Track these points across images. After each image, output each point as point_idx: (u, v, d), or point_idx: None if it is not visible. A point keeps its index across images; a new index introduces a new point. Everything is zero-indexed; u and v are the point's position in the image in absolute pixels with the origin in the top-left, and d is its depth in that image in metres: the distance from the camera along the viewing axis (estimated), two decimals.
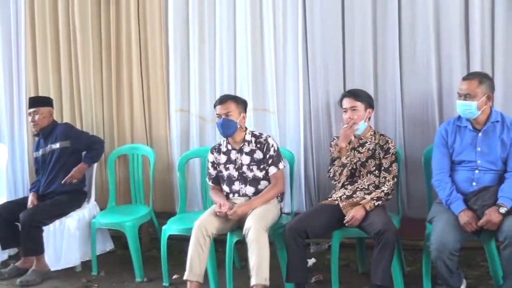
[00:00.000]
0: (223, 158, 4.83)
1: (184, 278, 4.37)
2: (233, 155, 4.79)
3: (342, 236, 4.44)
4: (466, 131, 4.23)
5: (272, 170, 4.70)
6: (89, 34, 5.86)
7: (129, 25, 5.77)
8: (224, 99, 4.73)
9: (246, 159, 4.75)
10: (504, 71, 4.77)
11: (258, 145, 4.74)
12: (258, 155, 4.73)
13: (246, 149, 4.76)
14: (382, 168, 4.54)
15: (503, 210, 3.82)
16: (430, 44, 4.95)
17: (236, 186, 4.77)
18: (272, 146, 4.72)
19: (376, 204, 4.35)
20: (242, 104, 4.78)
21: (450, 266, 3.86)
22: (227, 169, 4.81)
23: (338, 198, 4.54)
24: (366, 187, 4.54)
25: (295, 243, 4.25)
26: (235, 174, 4.77)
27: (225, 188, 4.84)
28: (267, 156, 4.70)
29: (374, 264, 4.12)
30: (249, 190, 4.73)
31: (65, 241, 5.25)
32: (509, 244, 3.68)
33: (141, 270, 5.14)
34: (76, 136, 5.49)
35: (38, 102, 5.52)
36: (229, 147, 4.81)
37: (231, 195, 4.80)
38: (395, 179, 4.54)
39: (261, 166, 4.73)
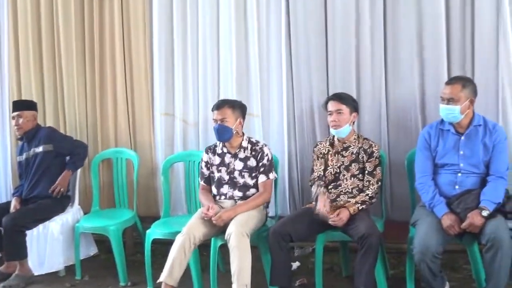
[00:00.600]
0: (216, 160, 4.83)
1: (161, 279, 4.33)
2: (227, 158, 4.79)
3: (326, 240, 4.45)
4: (449, 135, 4.26)
5: (262, 178, 4.70)
6: (72, 37, 5.85)
7: (113, 28, 5.76)
8: (220, 105, 4.72)
9: (239, 165, 4.75)
10: (485, 76, 4.81)
11: (253, 153, 4.75)
12: (252, 162, 4.74)
13: (241, 155, 4.76)
14: (366, 171, 4.56)
15: (485, 213, 3.84)
16: (413, 49, 5.00)
17: (225, 189, 4.77)
18: (267, 155, 4.73)
19: (360, 207, 4.37)
20: (239, 109, 4.76)
21: (433, 269, 3.88)
22: (219, 171, 4.81)
23: None
24: (350, 190, 4.56)
25: (279, 247, 4.26)
26: (226, 177, 4.77)
27: (213, 189, 4.84)
28: (260, 164, 4.71)
29: (357, 268, 4.14)
30: (237, 193, 4.73)
31: (49, 246, 5.23)
32: (491, 246, 3.71)
33: (125, 274, 5.12)
34: (59, 140, 5.46)
35: (22, 105, 5.49)
36: (225, 150, 4.81)
37: (217, 197, 4.80)
38: (379, 183, 4.56)
39: (253, 174, 4.73)
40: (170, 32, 5.66)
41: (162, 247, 5.22)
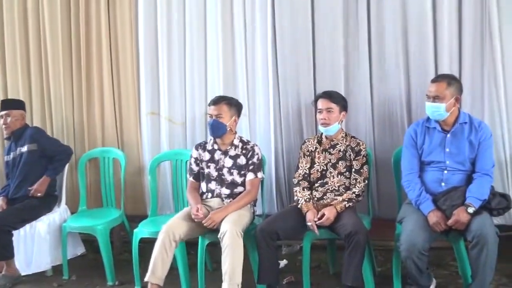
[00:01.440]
0: (206, 156, 4.84)
1: (146, 279, 4.36)
2: (217, 155, 4.80)
3: (313, 238, 4.45)
4: (435, 132, 4.29)
5: (250, 175, 4.72)
6: (59, 37, 5.81)
7: (99, 28, 5.73)
8: (217, 101, 4.73)
9: (228, 162, 4.76)
10: (471, 74, 4.82)
11: (244, 151, 4.77)
12: (242, 160, 4.75)
13: (232, 152, 4.78)
14: (353, 170, 4.58)
15: (471, 210, 3.88)
16: (399, 47, 5.00)
17: (213, 185, 4.78)
18: (257, 154, 4.75)
19: (347, 205, 4.39)
20: (235, 107, 4.79)
21: (419, 265, 3.91)
22: (208, 167, 4.81)
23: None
24: (337, 188, 4.57)
25: (266, 245, 4.27)
26: (214, 174, 4.78)
27: (203, 185, 4.85)
28: (249, 162, 4.73)
29: (345, 266, 4.16)
30: (224, 191, 4.73)
31: (36, 246, 5.22)
32: (477, 243, 3.74)
33: (113, 273, 5.12)
34: (44, 141, 5.45)
35: (10, 104, 5.48)
36: (215, 146, 4.83)
37: (204, 196, 4.80)
38: (366, 181, 4.58)
39: (242, 172, 4.75)
40: (156, 32, 5.63)
41: (150, 246, 5.14)
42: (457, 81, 4.25)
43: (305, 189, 4.62)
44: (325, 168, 4.63)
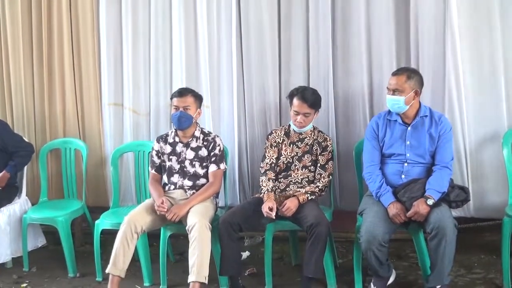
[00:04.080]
0: (168, 149, 4.82)
1: (107, 271, 4.36)
2: (179, 148, 4.79)
3: (275, 229, 4.49)
4: (396, 125, 4.33)
5: (212, 167, 4.72)
6: (19, 26, 5.72)
7: (61, 16, 5.64)
8: (184, 92, 4.72)
9: (190, 154, 4.75)
10: (432, 67, 4.87)
11: (205, 143, 4.76)
12: (203, 152, 4.75)
13: (193, 144, 4.77)
14: (318, 164, 4.61)
15: (430, 202, 3.93)
16: (361, 41, 5.03)
17: (175, 178, 4.77)
18: (219, 145, 4.75)
19: (309, 198, 4.42)
20: (199, 99, 4.80)
21: (379, 257, 3.96)
22: (170, 160, 4.80)
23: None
24: (300, 181, 4.60)
25: (229, 236, 4.29)
26: (177, 167, 4.77)
27: (164, 178, 4.84)
28: (211, 153, 4.73)
29: (306, 257, 4.19)
30: (187, 183, 4.73)
31: None
32: (436, 235, 3.81)
33: (74, 265, 5.09)
34: (8, 136, 5.35)
35: None
36: (177, 139, 4.81)
37: (167, 187, 4.80)
38: (330, 177, 4.63)
39: (204, 164, 4.75)
40: (119, 21, 5.57)
41: (112, 237, 5.12)
42: (418, 75, 4.28)
43: (270, 180, 4.63)
44: (290, 161, 4.65)
